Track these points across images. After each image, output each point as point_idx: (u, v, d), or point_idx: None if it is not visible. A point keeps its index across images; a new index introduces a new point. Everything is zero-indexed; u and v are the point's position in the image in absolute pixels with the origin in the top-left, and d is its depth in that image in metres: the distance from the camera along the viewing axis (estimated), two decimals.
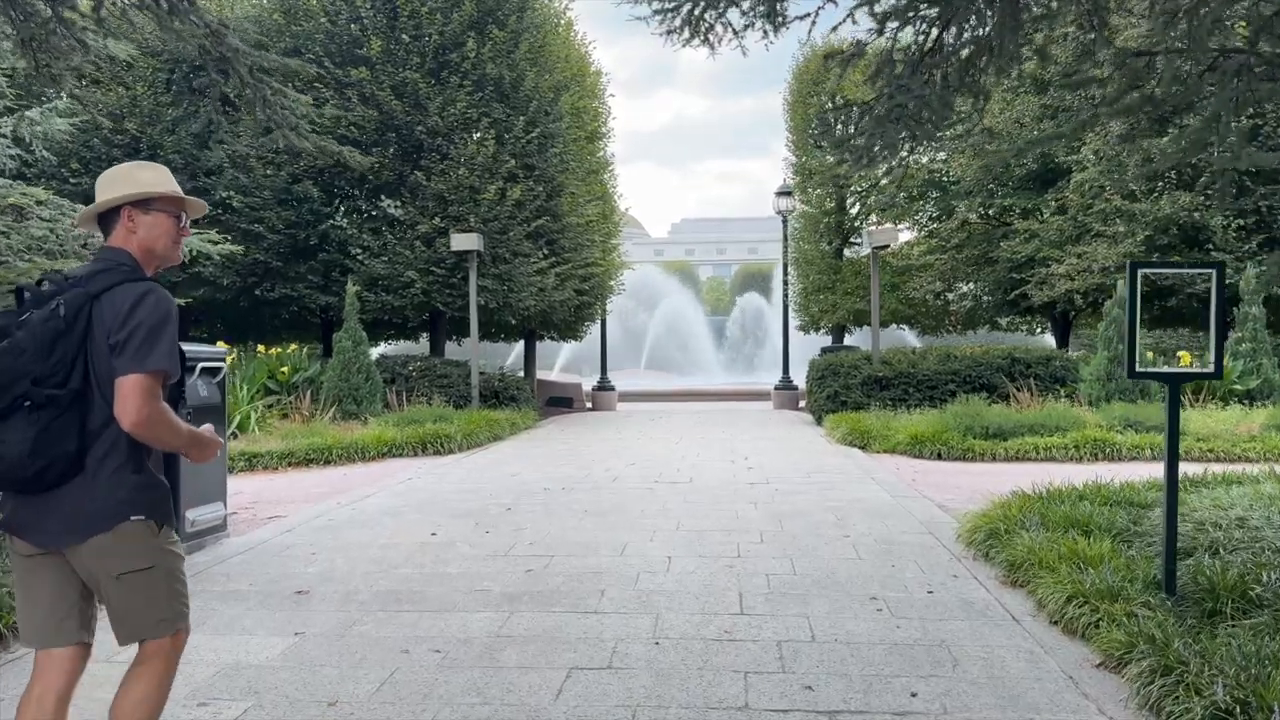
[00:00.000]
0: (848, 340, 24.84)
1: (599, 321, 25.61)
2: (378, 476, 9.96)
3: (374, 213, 16.46)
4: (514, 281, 16.53)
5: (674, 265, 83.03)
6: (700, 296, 72.74)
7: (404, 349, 29.58)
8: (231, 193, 16.53)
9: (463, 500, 8.12)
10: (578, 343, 28.10)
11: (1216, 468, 10.48)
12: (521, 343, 27.95)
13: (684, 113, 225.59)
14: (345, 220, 16.35)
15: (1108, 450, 10.79)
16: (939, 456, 11.20)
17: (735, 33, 4.65)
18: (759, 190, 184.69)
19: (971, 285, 22.06)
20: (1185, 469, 10.81)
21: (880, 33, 4.57)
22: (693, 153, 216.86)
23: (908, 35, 4.72)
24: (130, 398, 2.26)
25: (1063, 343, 23.02)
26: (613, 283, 24.59)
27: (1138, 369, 4.39)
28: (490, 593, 5.01)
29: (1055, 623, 4.27)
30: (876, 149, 4.94)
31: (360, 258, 16.19)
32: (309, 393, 14.11)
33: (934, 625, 4.36)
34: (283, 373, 15.45)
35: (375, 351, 31.87)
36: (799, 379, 24.81)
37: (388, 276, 16.19)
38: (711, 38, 4.66)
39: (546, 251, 17.32)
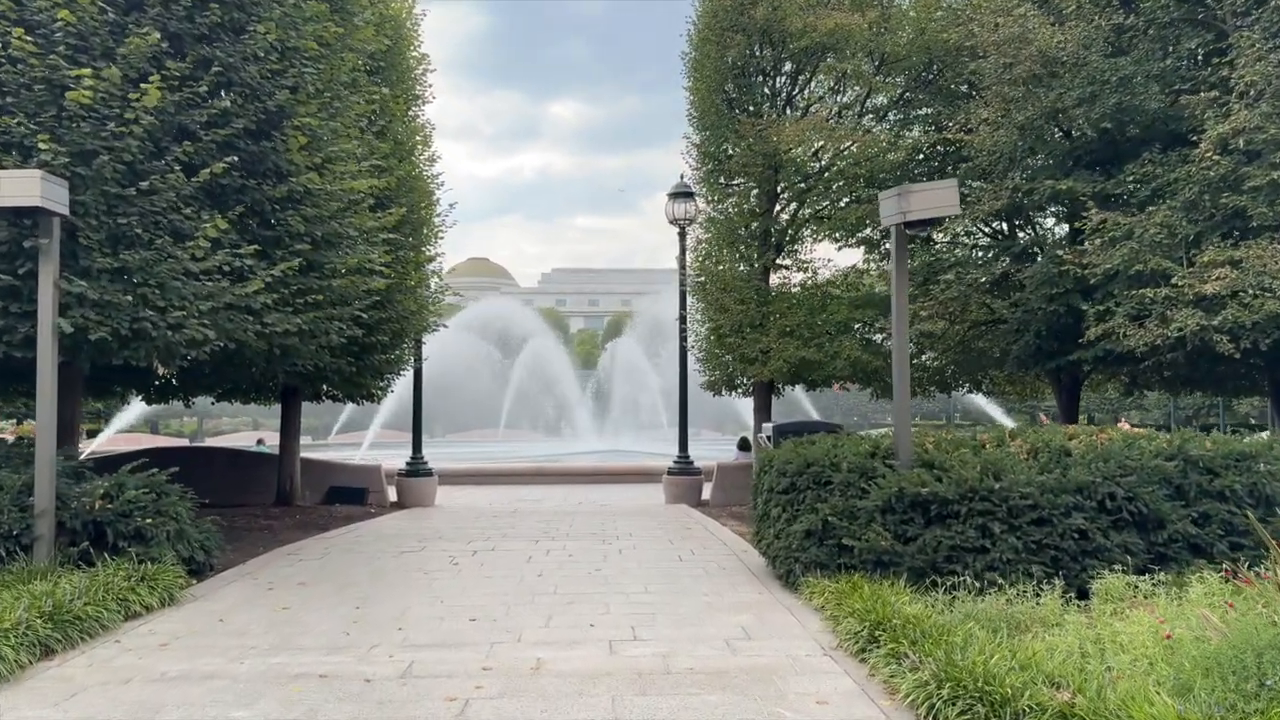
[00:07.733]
0: (775, 407, 17.05)
1: (414, 373, 17.10)
2: None
3: None
4: (157, 285, 7.89)
5: (544, 314, 75.32)
6: (571, 349, 65.03)
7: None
8: None
9: None
10: (373, 403, 19.47)
11: None
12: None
13: (551, 169, 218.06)
14: None
15: None
16: None
17: None
18: (630, 247, 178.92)
19: (956, 327, 14.70)
20: None
21: None
22: (561, 208, 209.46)
23: None
24: None
25: (1070, 415, 16.00)
26: (432, 316, 16.10)
27: None
28: None
29: None
30: None
31: None
32: None
33: None
34: None
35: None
36: (697, 451, 17.07)
37: None
38: None
39: (245, 235, 8.74)
